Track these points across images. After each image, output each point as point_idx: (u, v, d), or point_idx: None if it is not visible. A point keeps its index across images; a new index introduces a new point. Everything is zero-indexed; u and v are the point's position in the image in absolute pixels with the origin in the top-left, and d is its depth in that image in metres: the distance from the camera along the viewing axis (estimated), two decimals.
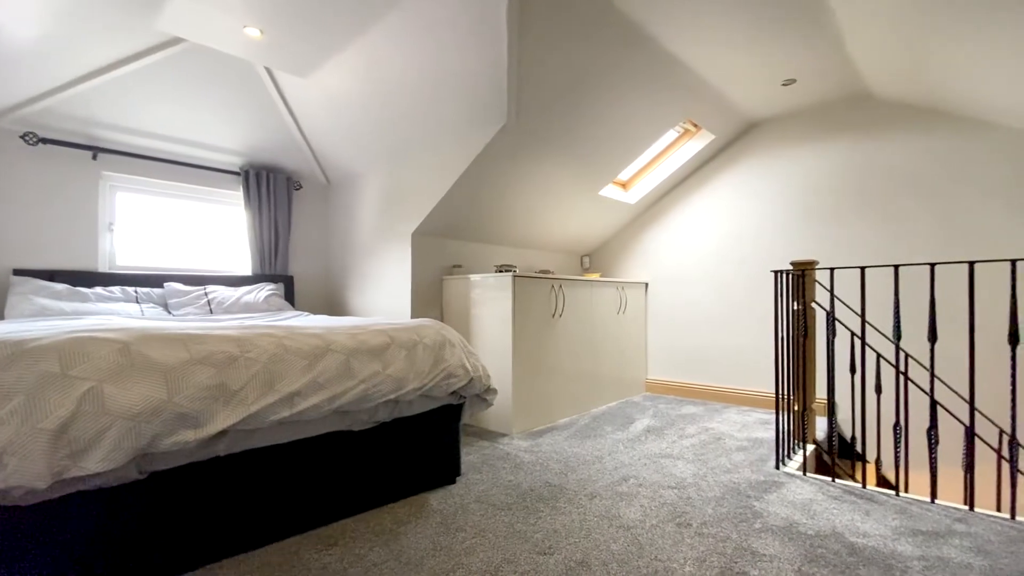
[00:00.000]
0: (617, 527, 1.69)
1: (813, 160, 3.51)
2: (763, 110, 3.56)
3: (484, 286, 3.01)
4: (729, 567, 1.45)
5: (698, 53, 2.70)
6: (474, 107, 2.63)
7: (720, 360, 3.84)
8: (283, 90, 3.04)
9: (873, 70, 2.91)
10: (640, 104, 3.02)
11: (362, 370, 1.67)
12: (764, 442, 2.69)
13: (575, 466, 2.31)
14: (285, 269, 3.59)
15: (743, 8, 2.31)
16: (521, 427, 2.88)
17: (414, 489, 1.98)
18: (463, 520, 1.75)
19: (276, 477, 1.58)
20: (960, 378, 2.66)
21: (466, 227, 3.35)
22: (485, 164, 2.87)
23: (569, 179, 3.42)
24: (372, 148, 3.29)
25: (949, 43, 2.31)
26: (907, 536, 1.63)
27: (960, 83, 2.64)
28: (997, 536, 1.63)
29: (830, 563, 1.47)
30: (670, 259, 4.15)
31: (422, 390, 1.85)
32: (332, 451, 1.71)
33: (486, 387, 2.12)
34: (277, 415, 1.45)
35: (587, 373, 3.45)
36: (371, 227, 3.50)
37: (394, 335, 1.85)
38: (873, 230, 3.25)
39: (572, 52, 2.43)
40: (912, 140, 3.13)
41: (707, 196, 3.99)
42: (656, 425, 3.06)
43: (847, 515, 1.79)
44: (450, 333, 2.08)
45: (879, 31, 2.45)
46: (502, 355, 2.88)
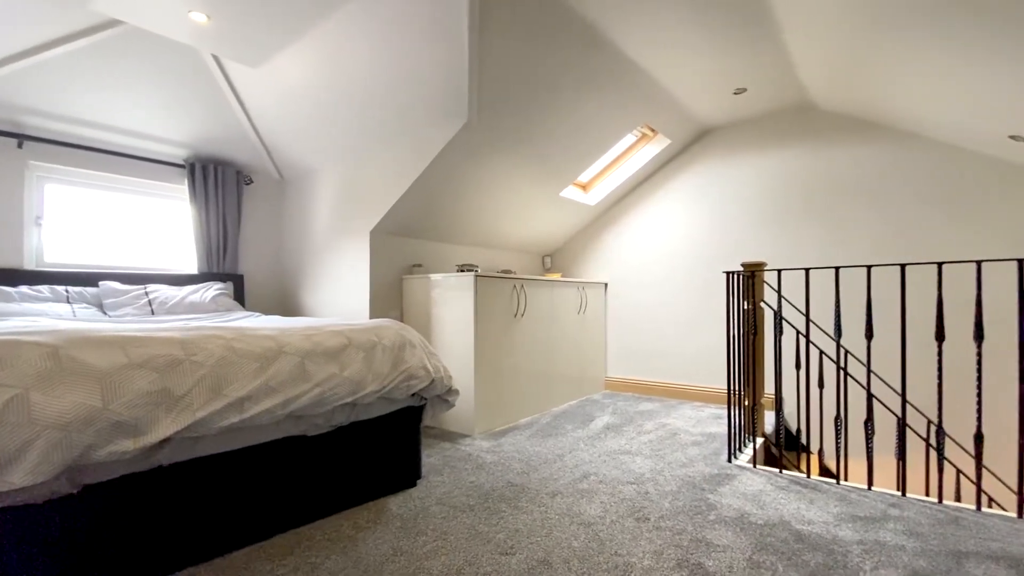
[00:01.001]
0: (578, 524, 1.71)
1: (762, 166, 3.67)
2: (716, 117, 3.70)
3: (445, 286, 2.98)
4: (685, 559, 1.49)
5: (654, 59, 2.78)
6: (434, 104, 2.60)
7: (676, 358, 3.96)
8: (232, 80, 2.90)
9: (817, 83, 3.08)
10: (599, 107, 3.07)
11: (318, 373, 1.62)
12: (717, 436, 2.80)
13: (537, 465, 2.32)
14: (235, 267, 3.43)
15: (696, 17, 2.39)
16: (483, 427, 2.87)
17: (373, 494, 1.93)
18: (424, 523, 1.72)
19: (225, 486, 1.50)
20: (894, 372, 2.85)
21: (427, 226, 3.31)
22: (446, 162, 2.84)
23: (530, 179, 3.44)
24: (328, 143, 3.19)
25: (884, 61, 2.47)
26: (847, 522, 1.73)
27: (894, 98, 2.83)
28: (927, 519, 1.75)
29: (778, 551, 1.53)
30: (629, 260, 4.25)
31: (381, 392, 1.81)
32: (286, 457, 1.65)
33: (448, 388, 2.10)
34: (226, 421, 1.38)
35: (548, 372, 3.48)
36: (327, 224, 3.39)
37: (352, 336, 1.80)
38: (817, 233, 3.44)
39: (533, 52, 2.44)
40: (852, 150, 3.34)
41: (664, 199, 4.11)
42: (615, 422, 3.12)
43: (793, 504, 1.88)
44: (410, 334, 2.04)
45: (822, 47, 2.59)
46: (464, 355, 2.85)
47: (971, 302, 2.30)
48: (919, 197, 3.11)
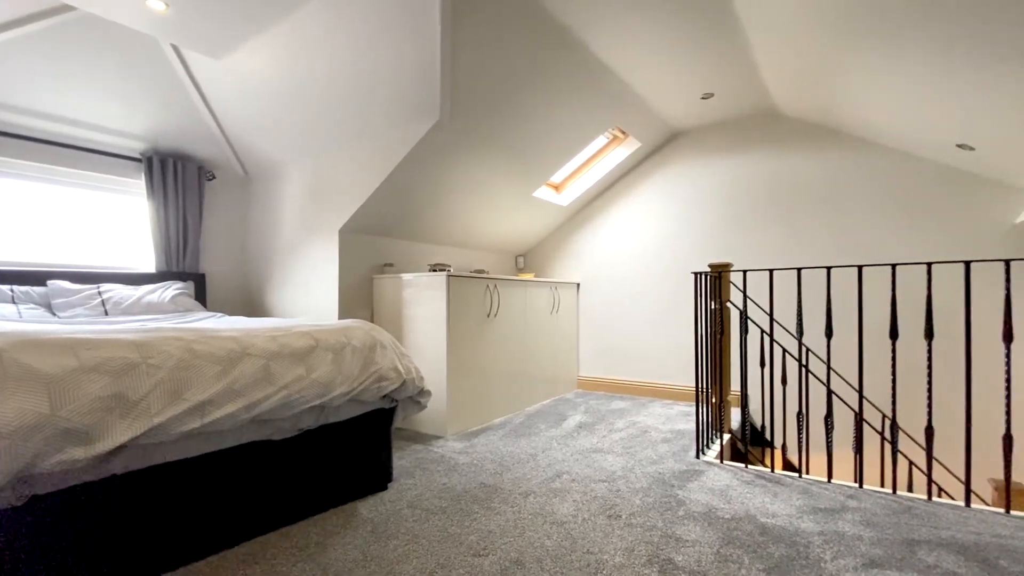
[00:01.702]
0: (551, 523, 1.72)
1: (729, 170, 3.77)
2: (685, 121, 3.78)
3: (417, 285, 2.94)
4: (656, 555, 1.51)
5: (624, 61, 2.81)
6: (406, 102, 2.56)
7: (647, 356, 4.03)
8: (193, 71, 2.79)
9: (780, 90, 3.19)
10: (571, 108, 3.10)
11: (284, 375, 1.57)
12: (686, 433, 2.85)
13: (510, 465, 2.31)
14: (195, 266, 3.30)
15: (665, 21, 2.43)
16: (456, 428, 2.85)
17: (343, 498, 1.89)
18: (395, 527, 1.69)
19: (185, 494, 1.44)
20: (853, 369, 2.97)
21: (398, 225, 3.26)
22: (417, 160, 2.80)
23: (503, 179, 3.43)
24: (296, 139, 3.10)
25: (843, 71, 2.57)
26: (809, 514, 1.79)
27: (852, 106, 2.95)
28: (883, 509, 1.83)
29: (744, 544, 1.58)
30: (601, 260, 4.30)
31: (351, 395, 1.77)
32: (250, 463, 1.59)
33: (420, 389, 2.07)
34: (185, 426, 1.32)
35: (522, 372, 3.48)
36: (295, 222, 3.30)
37: (320, 337, 1.75)
38: (781, 235, 3.56)
39: (505, 52, 2.43)
40: (813, 155, 3.47)
41: (635, 201, 4.17)
42: (587, 421, 3.15)
43: (758, 498, 1.94)
44: (381, 334, 2.01)
45: (785, 56, 2.68)
46: (436, 356, 2.83)
47: (923, 302, 2.42)
48: (875, 201, 3.25)
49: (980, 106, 2.29)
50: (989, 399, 2.65)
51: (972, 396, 1.89)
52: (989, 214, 2.94)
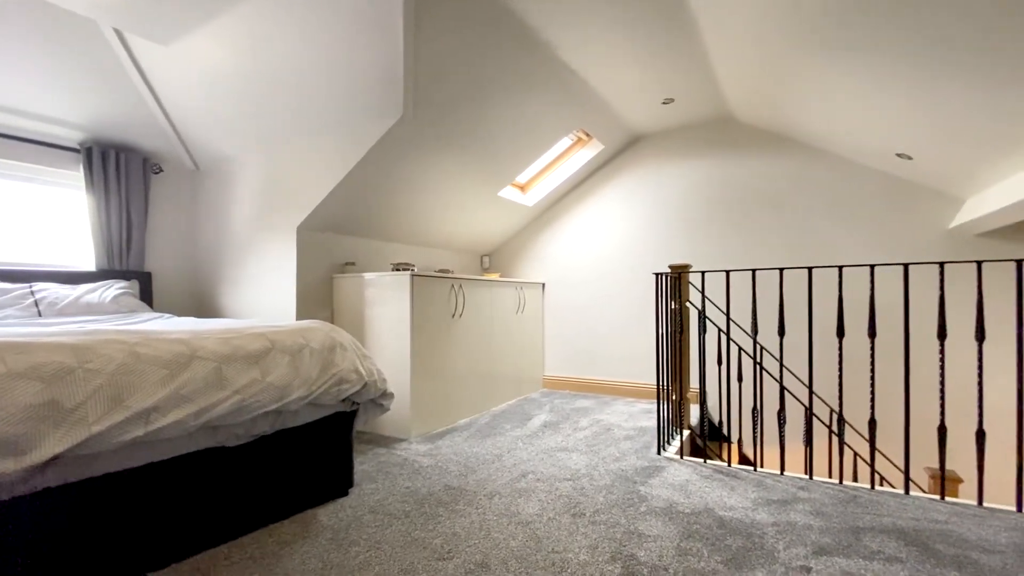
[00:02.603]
0: (516, 524, 1.71)
1: (689, 174, 3.88)
2: (646, 125, 3.86)
3: (380, 285, 2.88)
4: (619, 551, 1.53)
5: (588, 64, 2.85)
6: (368, 97, 2.50)
7: (610, 355, 4.09)
8: (138, 58, 2.63)
9: (737, 97, 3.30)
10: (536, 108, 3.11)
11: (237, 379, 1.50)
12: (648, 430, 2.91)
13: (475, 466, 2.29)
14: (140, 264, 3.11)
15: (628, 27, 2.47)
16: (420, 431, 2.80)
17: (301, 505, 1.82)
18: (356, 533, 1.65)
19: (128, 507, 1.35)
20: (804, 366, 3.11)
21: (359, 222, 3.18)
22: (380, 157, 2.74)
23: (468, 178, 3.41)
24: (250, 133, 2.98)
25: (794, 82, 2.69)
26: (763, 506, 1.86)
27: (802, 115, 3.09)
28: (831, 499, 1.92)
29: (704, 537, 1.62)
30: (566, 261, 4.34)
31: (309, 398, 1.71)
32: (201, 471, 1.51)
33: (382, 392, 2.02)
34: (128, 435, 1.24)
35: (487, 372, 3.46)
36: (249, 219, 3.17)
37: (276, 339, 1.68)
38: (737, 238, 3.69)
39: (470, 49, 2.41)
40: (766, 161, 3.61)
41: (598, 202, 4.23)
42: (552, 420, 3.16)
43: (716, 492, 2.00)
44: (341, 335, 1.95)
45: (739, 65, 2.78)
46: (399, 357, 2.77)
47: (867, 301, 2.55)
48: (823, 206, 3.42)
49: (918, 118, 2.44)
50: (926, 393, 2.83)
51: (910, 390, 2.00)
52: (926, 219, 3.14)
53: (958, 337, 2.84)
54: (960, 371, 2.84)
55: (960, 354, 2.89)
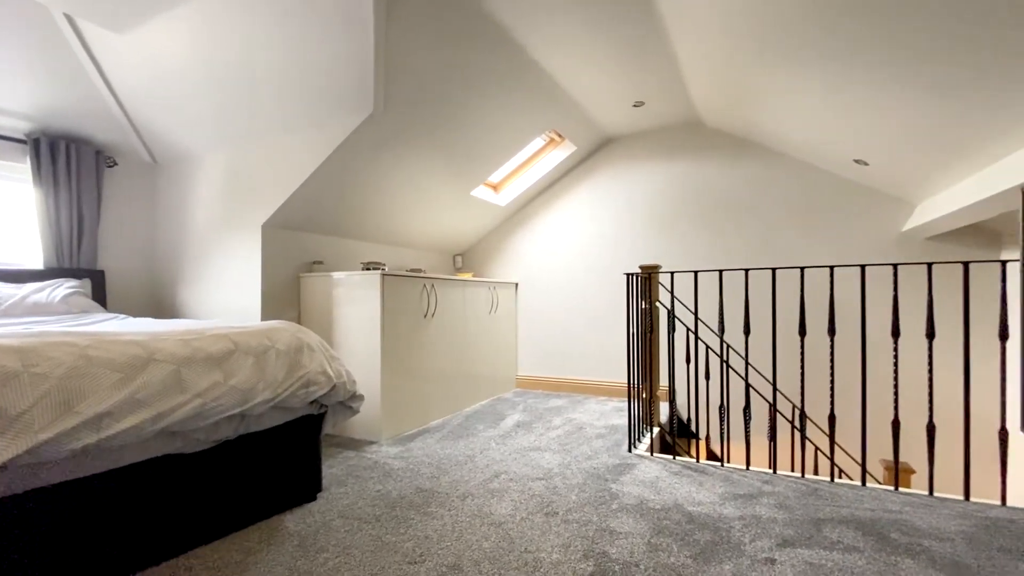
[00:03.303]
0: (489, 525, 1.70)
1: (658, 175, 3.95)
2: (618, 127, 3.91)
3: (349, 285, 2.82)
4: (591, 549, 1.54)
5: (560, 65, 2.86)
6: (337, 92, 2.44)
7: (583, 355, 4.13)
8: (91, 46, 2.50)
9: (704, 103, 3.38)
10: (508, 108, 3.10)
11: (197, 382, 1.44)
12: (619, 428, 2.95)
13: (447, 468, 2.27)
14: (92, 263, 2.96)
15: (600, 30, 2.50)
16: (391, 432, 2.76)
17: (267, 512, 1.76)
18: (325, 539, 1.60)
19: (81, 518, 1.27)
20: (768, 363, 3.21)
21: (328, 220, 3.11)
22: (349, 154, 2.68)
23: (441, 176, 3.38)
24: (213, 126, 2.87)
25: (756, 89, 2.77)
26: (730, 500, 1.91)
27: (765, 122, 3.19)
28: (794, 492, 1.98)
29: (673, 532, 1.64)
30: (539, 261, 4.35)
31: (275, 401, 1.66)
32: (159, 479, 1.44)
33: (351, 394, 1.98)
34: (79, 442, 1.17)
35: (460, 373, 3.44)
36: (211, 216, 3.05)
37: (239, 340, 1.62)
38: (705, 239, 3.78)
39: (442, 48, 2.39)
40: (732, 165, 3.71)
41: (571, 203, 4.26)
42: (525, 420, 3.17)
43: (685, 488, 2.03)
44: (309, 336, 1.90)
45: (707, 72, 2.84)
46: (370, 358, 2.72)
47: (827, 301, 2.64)
48: (786, 209, 3.54)
49: (872, 127, 2.55)
50: (882, 388, 2.96)
51: (867, 386, 2.09)
52: (881, 223, 3.29)
53: (911, 335, 2.99)
54: (913, 367, 2.99)
55: (913, 351, 3.03)
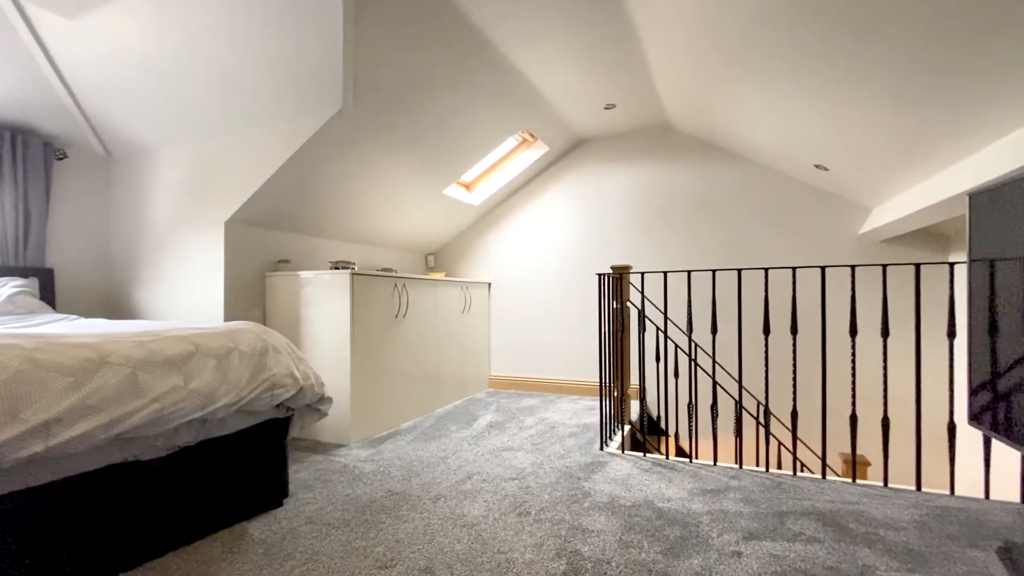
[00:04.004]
0: (461, 526, 1.69)
1: (629, 177, 4.01)
2: (590, 129, 3.95)
3: (317, 284, 2.75)
4: (564, 547, 1.54)
5: (533, 66, 2.87)
6: (304, 86, 2.38)
7: (555, 354, 4.15)
8: (39, 31, 2.36)
9: (673, 107, 3.45)
10: (481, 107, 3.09)
11: (155, 386, 1.37)
12: (591, 427, 2.98)
13: (419, 470, 2.24)
14: (40, 260, 2.79)
15: (573, 32, 2.51)
16: (360, 435, 2.71)
17: (230, 519, 1.70)
18: (292, 546, 1.56)
19: (28, 530, 1.20)
20: (734, 362, 3.30)
21: (295, 218, 3.03)
22: (317, 150, 2.62)
23: (412, 174, 3.33)
24: (173, 119, 2.75)
25: (723, 96, 2.84)
26: (698, 496, 1.95)
27: (731, 127, 3.27)
28: (759, 487, 2.04)
29: (644, 529, 1.67)
30: (512, 260, 4.35)
31: (239, 405, 1.60)
32: (113, 488, 1.37)
33: (319, 396, 1.93)
34: (25, 451, 1.10)
35: (432, 373, 3.40)
36: (170, 212, 2.93)
37: (200, 342, 1.56)
38: (674, 240, 3.86)
39: (413, 44, 2.36)
40: (701, 168, 3.80)
41: (544, 203, 4.28)
42: (498, 420, 3.16)
43: (655, 484, 2.07)
44: (274, 338, 1.84)
45: (676, 77, 2.90)
46: (339, 360, 2.66)
47: (790, 301, 2.73)
48: (752, 212, 3.64)
49: (832, 134, 2.66)
50: (841, 385, 3.08)
51: (827, 383, 2.17)
52: (840, 226, 3.43)
53: (867, 333, 3.12)
54: (869, 364, 3.12)
55: (869, 349, 3.17)
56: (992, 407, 1.58)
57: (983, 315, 1.61)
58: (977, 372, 1.64)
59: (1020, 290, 1.45)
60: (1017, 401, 1.48)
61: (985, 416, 1.61)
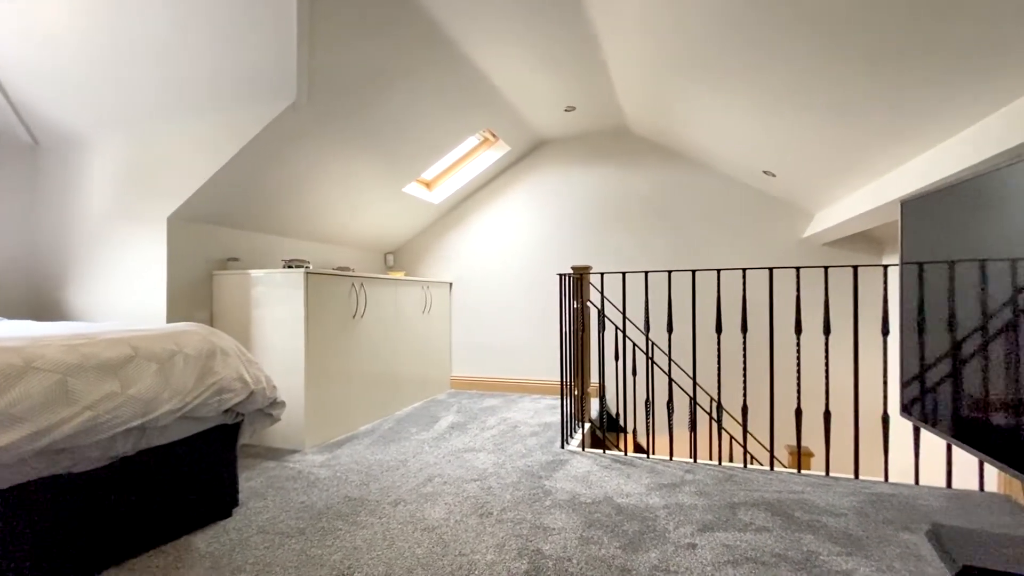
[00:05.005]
0: (422, 530, 1.66)
1: (589, 179, 4.08)
2: (550, 130, 3.98)
3: (269, 284, 2.64)
4: (525, 547, 1.55)
5: (494, 65, 2.86)
6: (255, 76, 2.27)
7: (517, 354, 4.16)
8: None
9: (631, 112, 3.53)
10: (442, 104, 3.06)
11: (88, 393, 1.27)
12: (552, 425, 3.00)
13: (378, 474, 2.19)
14: None
15: (533, 31, 2.52)
16: (316, 440, 2.62)
17: (174, 533, 1.60)
18: (241, 558, 1.48)
19: None
20: (689, 360, 3.40)
21: (245, 214, 2.89)
22: (270, 143, 2.52)
23: (370, 171, 3.26)
24: (109, 107, 2.57)
25: (679, 102, 2.93)
26: (656, 490, 2.00)
27: (687, 132, 3.38)
28: (712, 480, 2.12)
29: (604, 525, 1.69)
30: (473, 260, 4.33)
31: (183, 411, 1.51)
32: (43, 503, 1.26)
33: (271, 400, 1.85)
34: None
35: (391, 375, 3.34)
36: (106, 206, 2.73)
37: (140, 345, 1.46)
38: (632, 241, 3.94)
39: (372, 37, 2.30)
40: (657, 172, 3.90)
41: (505, 203, 4.28)
42: (460, 421, 3.13)
43: (615, 481, 2.11)
44: (222, 340, 1.75)
45: (634, 82, 2.97)
46: (292, 362, 2.56)
47: (740, 301, 2.84)
48: (705, 215, 3.78)
49: (777, 142, 2.79)
50: (788, 380, 3.24)
51: (774, 378, 2.28)
52: (786, 229, 3.61)
53: (811, 331, 3.29)
54: (813, 360, 3.29)
55: (813, 346, 3.34)
56: (920, 399, 1.71)
57: (913, 314, 1.73)
58: (907, 367, 1.77)
59: (946, 291, 1.57)
60: (942, 393, 1.60)
61: (915, 407, 1.74)
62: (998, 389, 1.35)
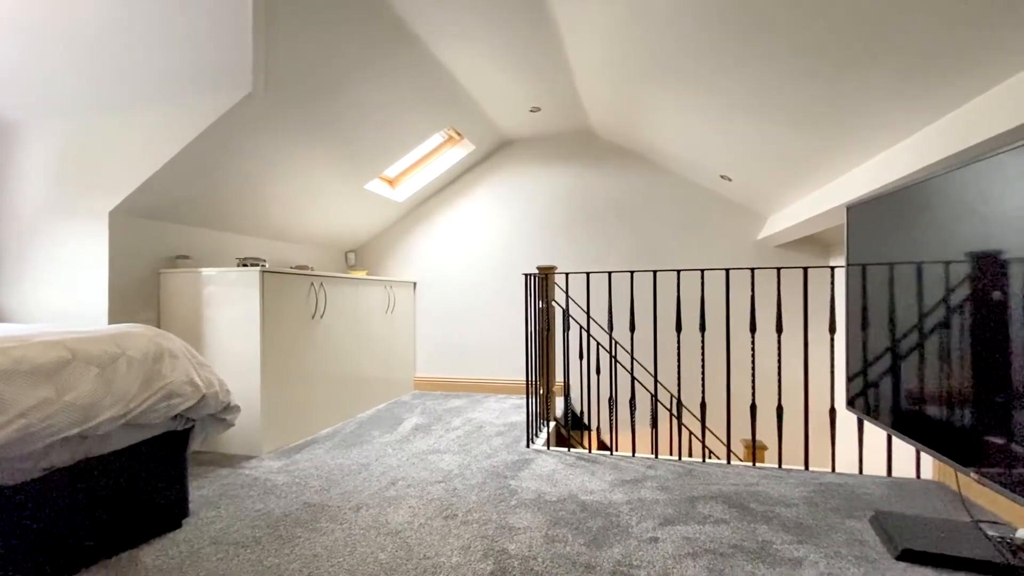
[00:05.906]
0: (385, 534, 1.62)
1: (554, 180, 4.11)
2: (515, 130, 3.99)
3: (222, 283, 2.52)
4: (491, 548, 1.54)
5: (459, 64, 2.84)
6: (207, 63, 2.16)
7: (482, 354, 4.14)
8: None
9: (595, 115, 3.58)
10: (406, 100, 3.01)
11: (19, 400, 1.18)
12: (518, 425, 3.00)
13: (339, 479, 2.13)
14: None
15: (498, 30, 2.51)
16: (273, 445, 2.52)
17: (118, 547, 1.50)
18: (192, 571, 1.41)
19: None
20: (650, 358, 3.48)
21: (195, 210, 2.75)
22: (223, 135, 2.40)
23: (330, 167, 3.17)
24: (45, 92, 2.38)
25: (640, 107, 2.99)
26: (619, 487, 2.03)
27: (648, 136, 3.46)
28: (673, 475, 2.17)
29: (569, 522, 1.71)
30: (438, 259, 4.28)
31: (127, 418, 1.42)
32: None
33: (224, 405, 1.77)
34: None
35: (353, 376, 3.25)
36: (38, 199, 2.54)
37: (77, 348, 1.36)
38: (596, 242, 4.00)
39: (332, 28, 2.23)
40: (620, 174, 3.98)
41: (470, 202, 4.26)
42: (424, 422, 3.09)
43: (579, 478, 2.13)
44: (171, 342, 1.66)
45: (597, 85, 3.01)
46: (247, 365, 2.46)
47: (699, 300, 2.92)
48: (666, 217, 3.88)
49: (734, 148, 2.89)
50: (743, 377, 3.37)
51: (731, 375, 2.36)
52: (742, 232, 3.75)
53: (764, 330, 3.44)
54: (767, 358, 3.43)
55: (766, 343, 3.49)
56: (863, 393, 1.81)
57: (857, 313, 1.83)
58: (852, 363, 1.87)
59: (886, 292, 1.67)
60: (883, 388, 1.70)
61: (858, 401, 1.84)
62: (932, 384, 1.45)
